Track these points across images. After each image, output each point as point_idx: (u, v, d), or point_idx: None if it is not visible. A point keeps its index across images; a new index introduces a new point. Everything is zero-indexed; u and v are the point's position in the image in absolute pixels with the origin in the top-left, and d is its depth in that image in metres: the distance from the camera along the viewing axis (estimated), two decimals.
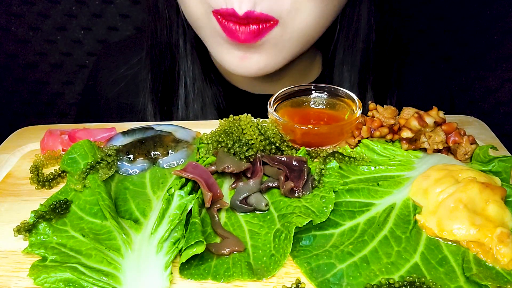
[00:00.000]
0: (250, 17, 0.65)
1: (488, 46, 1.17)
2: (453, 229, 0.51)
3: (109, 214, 0.53)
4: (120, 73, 0.94)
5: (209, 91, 0.88)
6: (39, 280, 0.47)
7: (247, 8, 0.64)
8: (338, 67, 0.85)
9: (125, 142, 0.67)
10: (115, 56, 0.99)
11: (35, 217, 0.54)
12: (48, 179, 0.63)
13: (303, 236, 0.53)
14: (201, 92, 0.87)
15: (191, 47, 0.85)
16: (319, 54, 0.92)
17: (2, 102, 1.29)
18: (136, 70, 0.93)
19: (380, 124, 0.66)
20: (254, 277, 0.48)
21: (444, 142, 0.63)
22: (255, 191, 0.58)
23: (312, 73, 0.92)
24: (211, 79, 0.88)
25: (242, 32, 0.66)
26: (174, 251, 0.50)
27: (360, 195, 0.58)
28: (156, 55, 0.87)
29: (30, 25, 1.20)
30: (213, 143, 0.65)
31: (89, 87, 1.03)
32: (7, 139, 0.76)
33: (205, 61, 0.85)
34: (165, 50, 0.86)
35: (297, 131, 0.66)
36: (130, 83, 0.93)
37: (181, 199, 0.55)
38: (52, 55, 1.24)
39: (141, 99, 0.90)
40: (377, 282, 0.47)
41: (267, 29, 0.67)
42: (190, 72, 0.86)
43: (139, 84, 0.91)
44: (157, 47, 0.86)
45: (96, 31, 1.22)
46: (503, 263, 0.48)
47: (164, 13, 0.83)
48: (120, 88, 0.94)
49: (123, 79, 0.93)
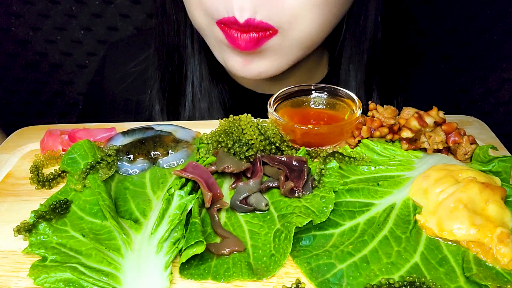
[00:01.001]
0: (250, 25, 0.66)
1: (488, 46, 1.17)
2: (453, 229, 0.51)
3: (109, 214, 0.53)
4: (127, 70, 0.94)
5: (216, 90, 0.89)
6: (39, 280, 0.47)
7: (248, 16, 0.66)
8: (345, 66, 0.85)
9: (125, 142, 0.67)
10: (122, 53, 1.00)
11: (35, 217, 0.54)
12: (48, 179, 0.63)
13: (303, 236, 0.53)
14: (208, 92, 0.88)
15: (199, 47, 0.86)
16: (326, 54, 0.92)
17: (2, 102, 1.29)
18: (143, 67, 0.94)
19: (380, 124, 0.66)
20: (254, 277, 0.48)
21: (444, 142, 0.63)
22: (255, 191, 0.58)
23: (318, 73, 0.92)
24: (218, 78, 0.89)
25: (243, 40, 0.68)
26: (174, 251, 0.50)
27: (360, 195, 0.58)
28: (164, 56, 0.88)
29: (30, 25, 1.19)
30: (213, 143, 0.65)
31: (96, 83, 1.03)
32: (7, 139, 0.76)
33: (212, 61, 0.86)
34: (173, 51, 0.87)
35: (297, 131, 0.66)
36: (137, 80, 0.94)
37: (181, 199, 0.55)
38: (52, 55, 1.24)
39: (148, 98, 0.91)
40: (377, 282, 0.47)
41: (266, 38, 0.69)
42: (197, 72, 0.87)
43: (146, 81, 0.92)
44: (165, 48, 0.87)
45: (96, 31, 1.22)
46: (503, 263, 0.48)
47: (172, 14, 0.84)
48: (127, 85, 0.94)
49: (130, 76, 0.94)
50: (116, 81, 0.96)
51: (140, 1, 1.19)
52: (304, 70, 0.89)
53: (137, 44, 1.00)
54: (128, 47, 1.02)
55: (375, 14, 0.80)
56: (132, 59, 0.95)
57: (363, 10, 0.80)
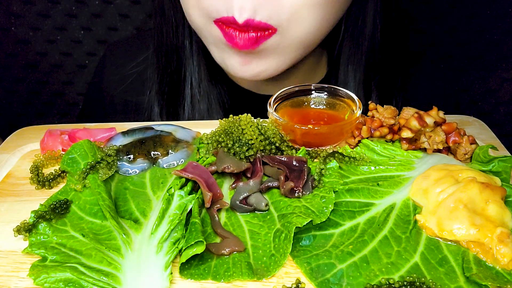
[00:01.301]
0: (249, 25, 0.66)
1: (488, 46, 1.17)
2: (453, 229, 0.51)
3: (109, 214, 0.53)
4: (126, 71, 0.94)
5: (215, 91, 0.89)
6: (39, 280, 0.47)
7: (247, 16, 0.65)
8: (344, 67, 0.85)
9: (125, 142, 0.67)
10: (120, 54, 0.99)
11: (35, 217, 0.54)
12: (48, 179, 0.63)
13: (303, 236, 0.53)
14: (207, 93, 0.88)
15: (197, 48, 0.86)
16: (324, 54, 0.92)
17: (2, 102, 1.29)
18: (142, 68, 0.93)
19: (380, 124, 0.66)
20: (254, 277, 0.48)
21: (444, 142, 0.63)
22: (255, 191, 0.58)
23: (317, 73, 0.92)
24: (217, 79, 0.89)
25: (241, 39, 0.67)
26: (174, 251, 0.50)
27: (360, 195, 0.58)
28: (162, 57, 0.88)
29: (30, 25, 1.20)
30: (213, 143, 0.65)
31: (95, 84, 1.03)
32: (7, 139, 0.76)
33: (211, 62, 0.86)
34: (171, 52, 0.87)
35: (297, 131, 0.66)
36: (136, 81, 0.94)
37: (181, 199, 0.55)
38: (52, 55, 1.24)
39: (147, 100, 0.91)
40: (377, 282, 0.47)
41: (265, 37, 0.68)
42: (196, 73, 0.87)
43: (144, 82, 0.92)
44: (163, 49, 0.87)
45: (96, 31, 1.22)
46: (503, 263, 0.48)
47: (170, 15, 0.84)
48: (126, 86, 0.94)
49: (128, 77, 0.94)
50: (115, 83, 0.96)
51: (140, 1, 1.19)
52: (303, 71, 0.89)
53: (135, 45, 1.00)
54: (126, 48, 1.02)
55: (373, 15, 0.80)
56: (130, 61, 0.95)
57: (362, 11, 0.80)
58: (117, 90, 0.95)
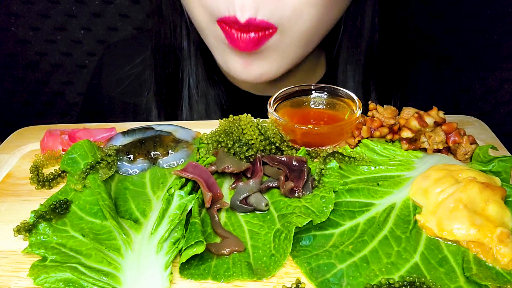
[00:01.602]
0: (251, 24, 0.66)
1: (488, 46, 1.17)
2: (453, 229, 0.51)
3: (109, 214, 0.53)
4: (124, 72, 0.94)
5: (212, 92, 0.88)
6: (39, 280, 0.47)
7: (249, 15, 0.65)
8: (342, 67, 0.85)
9: (125, 142, 0.67)
10: (118, 56, 0.99)
11: (35, 217, 0.54)
12: (48, 179, 0.63)
13: (303, 236, 0.53)
14: (204, 94, 0.88)
15: (195, 49, 0.86)
16: (323, 55, 0.92)
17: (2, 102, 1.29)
18: (139, 70, 0.93)
19: (380, 124, 0.66)
20: (254, 277, 0.48)
21: (444, 142, 0.63)
22: (255, 191, 0.58)
23: (316, 74, 0.92)
24: (215, 80, 0.89)
25: (242, 40, 0.68)
26: (174, 251, 0.50)
27: (360, 195, 0.58)
28: (160, 58, 0.88)
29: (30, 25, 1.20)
30: (213, 143, 0.65)
31: (93, 86, 1.03)
32: (7, 139, 0.76)
33: (209, 62, 0.86)
34: (169, 53, 0.87)
35: (297, 131, 0.66)
36: (134, 82, 0.93)
37: (181, 199, 0.55)
38: (52, 55, 1.24)
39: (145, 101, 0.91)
40: (377, 282, 0.47)
41: (266, 37, 0.68)
42: (194, 74, 0.87)
43: (142, 84, 0.92)
44: (161, 50, 0.87)
45: (96, 31, 1.22)
46: (503, 263, 0.48)
47: (168, 16, 0.84)
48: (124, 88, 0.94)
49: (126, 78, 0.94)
50: (113, 84, 0.96)
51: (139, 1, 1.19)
52: (302, 71, 0.88)
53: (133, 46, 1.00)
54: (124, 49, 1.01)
55: (372, 15, 0.80)
56: (128, 62, 0.95)
57: (360, 10, 0.80)
58: (115, 91, 0.95)
